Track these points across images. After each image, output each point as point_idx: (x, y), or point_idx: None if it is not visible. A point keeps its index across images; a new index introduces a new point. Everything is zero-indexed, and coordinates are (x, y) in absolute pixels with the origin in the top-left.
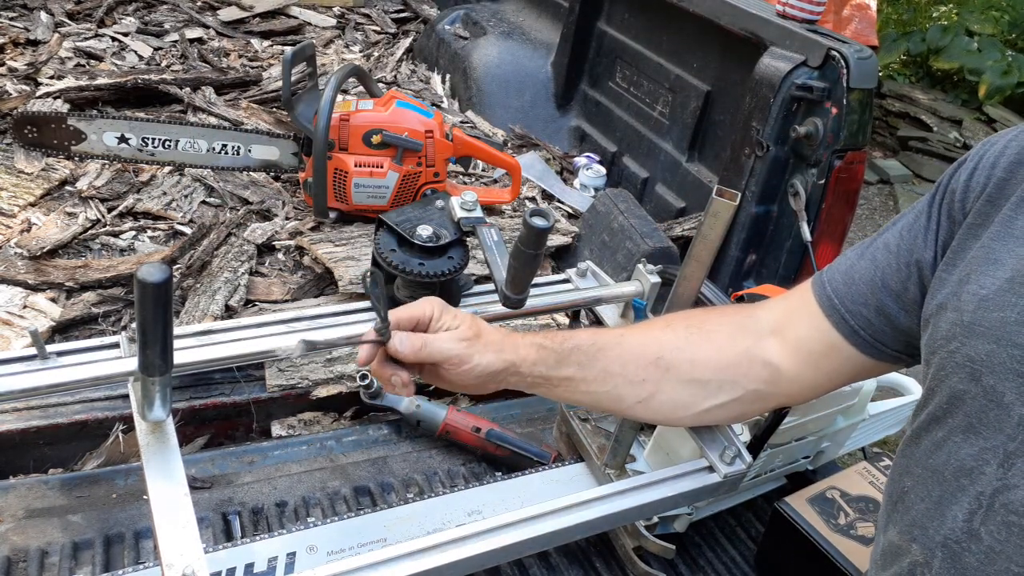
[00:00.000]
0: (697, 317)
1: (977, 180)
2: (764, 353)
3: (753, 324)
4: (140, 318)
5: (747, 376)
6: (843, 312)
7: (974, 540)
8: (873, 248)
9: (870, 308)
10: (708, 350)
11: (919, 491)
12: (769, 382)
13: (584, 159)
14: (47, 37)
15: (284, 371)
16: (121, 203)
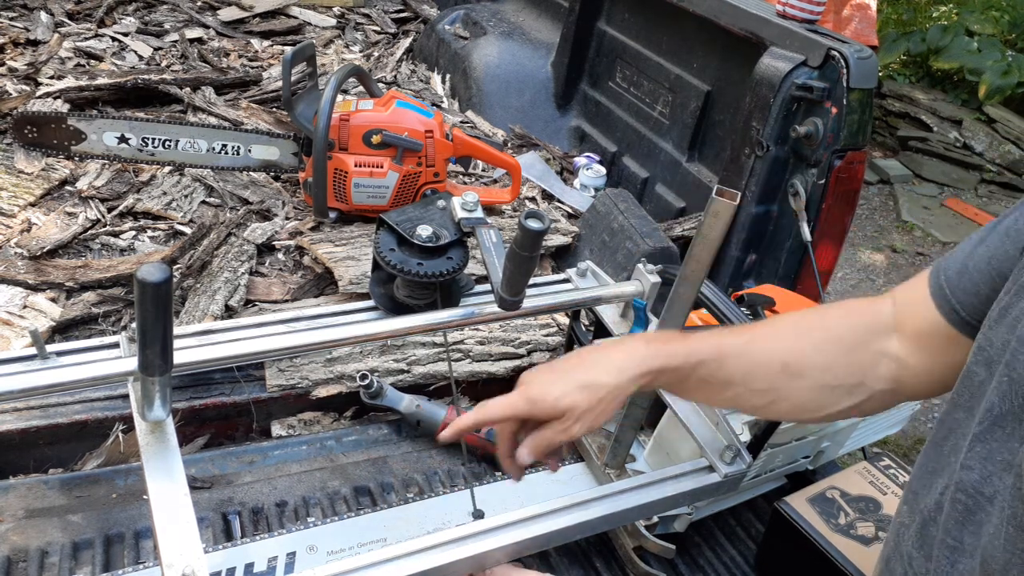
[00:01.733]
0: (824, 317)
1: None
2: (888, 351)
3: (877, 321)
4: (140, 318)
5: (875, 376)
6: (953, 302)
7: (939, 512)
8: (993, 233)
9: (981, 297)
10: (836, 354)
11: (923, 458)
12: (896, 380)
13: (584, 159)
14: (47, 37)
15: (284, 371)
16: (121, 203)
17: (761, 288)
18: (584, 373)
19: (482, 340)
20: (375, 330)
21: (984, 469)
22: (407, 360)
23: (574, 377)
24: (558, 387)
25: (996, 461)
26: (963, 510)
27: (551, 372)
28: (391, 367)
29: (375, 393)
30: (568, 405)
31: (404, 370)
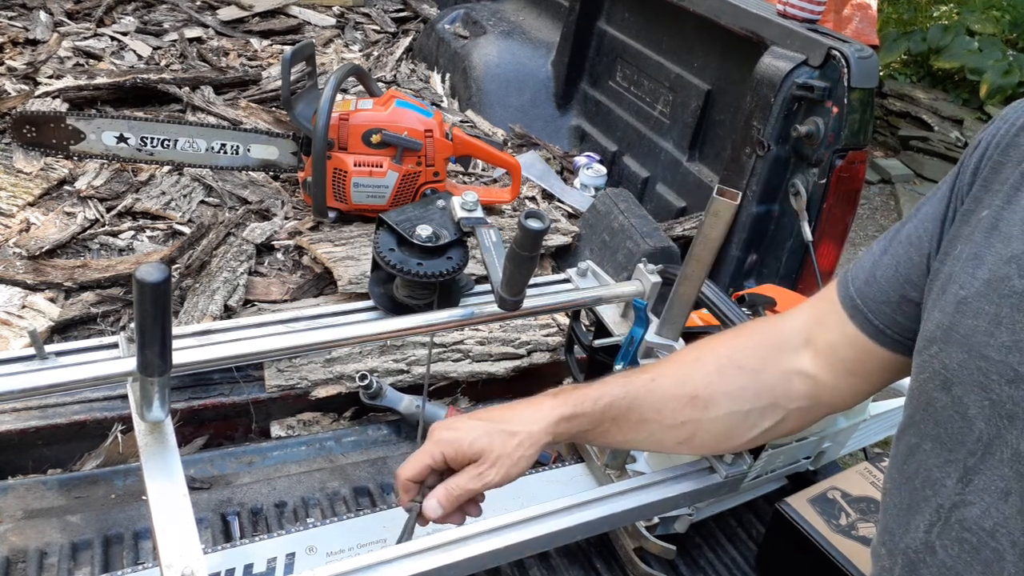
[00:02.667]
0: (726, 345)
1: (982, 159)
2: (800, 368)
3: (784, 339)
4: (139, 318)
5: (787, 396)
6: (866, 312)
7: (930, 553)
8: (895, 241)
9: (892, 305)
10: (742, 380)
11: (893, 495)
12: (810, 397)
13: (584, 159)
14: (46, 36)
15: (283, 371)
16: (120, 203)
17: (762, 288)
18: (497, 423)
19: (482, 340)
20: (375, 330)
21: (983, 502)
22: (407, 360)
23: (487, 425)
24: (471, 433)
25: (992, 491)
26: (970, 549)
27: (462, 421)
28: (391, 367)
29: (375, 393)
30: (481, 448)
31: (404, 370)
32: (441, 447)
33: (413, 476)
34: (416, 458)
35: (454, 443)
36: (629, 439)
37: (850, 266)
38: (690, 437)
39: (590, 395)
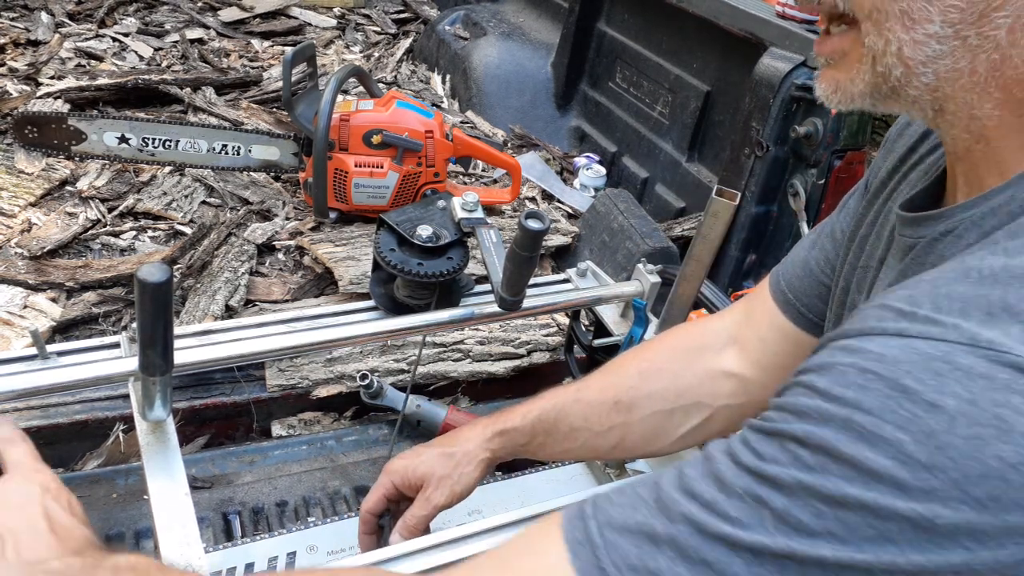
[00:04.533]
0: (650, 350)
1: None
2: (723, 366)
3: (707, 341)
4: (140, 318)
5: (712, 395)
6: (798, 305)
7: None
8: (823, 234)
9: (823, 298)
10: (663, 382)
11: None
12: (737, 394)
13: (584, 159)
14: (48, 37)
15: (284, 371)
16: (121, 203)
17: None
18: (439, 447)
19: (482, 340)
20: (375, 330)
21: None
22: (407, 360)
23: (431, 451)
24: (415, 460)
25: None
26: None
27: (413, 450)
28: (391, 367)
29: (375, 393)
30: (423, 473)
31: (404, 370)
32: (392, 477)
33: (370, 509)
34: (373, 492)
35: (401, 472)
36: (565, 449)
37: (782, 262)
38: (620, 441)
39: (520, 410)
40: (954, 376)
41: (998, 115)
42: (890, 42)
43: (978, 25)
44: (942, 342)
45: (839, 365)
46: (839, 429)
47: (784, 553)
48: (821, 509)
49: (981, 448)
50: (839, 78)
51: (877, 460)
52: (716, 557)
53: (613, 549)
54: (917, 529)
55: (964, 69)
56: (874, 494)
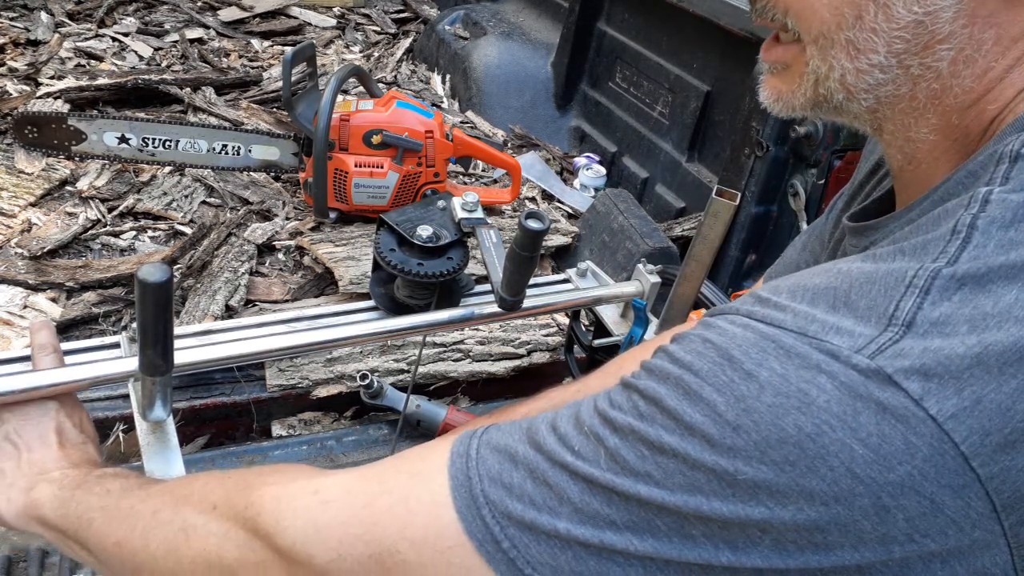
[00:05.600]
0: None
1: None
2: None
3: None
4: (140, 318)
5: None
6: None
7: None
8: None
9: None
10: None
11: None
12: None
13: (584, 159)
14: (47, 37)
15: (284, 371)
16: (121, 203)
17: None
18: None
19: (482, 340)
20: (375, 330)
21: None
22: (407, 360)
23: None
24: None
25: None
26: None
27: None
28: (391, 367)
29: (375, 393)
30: None
31: (404, 370)
32: None
33: None
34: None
35: None
36: None
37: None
38: None
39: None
40: (775, 353)
41: (932, 139)
42: (833, 68)
43: (922, 56)
44: (777, 327)
45: (691, 335)
46: (670, 386)
47: (610, 487)
48: (644, 453)
49: (782, 416)
50: (781, 88)
51: (693, 416)
52: (557, 481)
53: (482, 463)
54: (721, 482)
55: (905, 95)
56: (687, 445)
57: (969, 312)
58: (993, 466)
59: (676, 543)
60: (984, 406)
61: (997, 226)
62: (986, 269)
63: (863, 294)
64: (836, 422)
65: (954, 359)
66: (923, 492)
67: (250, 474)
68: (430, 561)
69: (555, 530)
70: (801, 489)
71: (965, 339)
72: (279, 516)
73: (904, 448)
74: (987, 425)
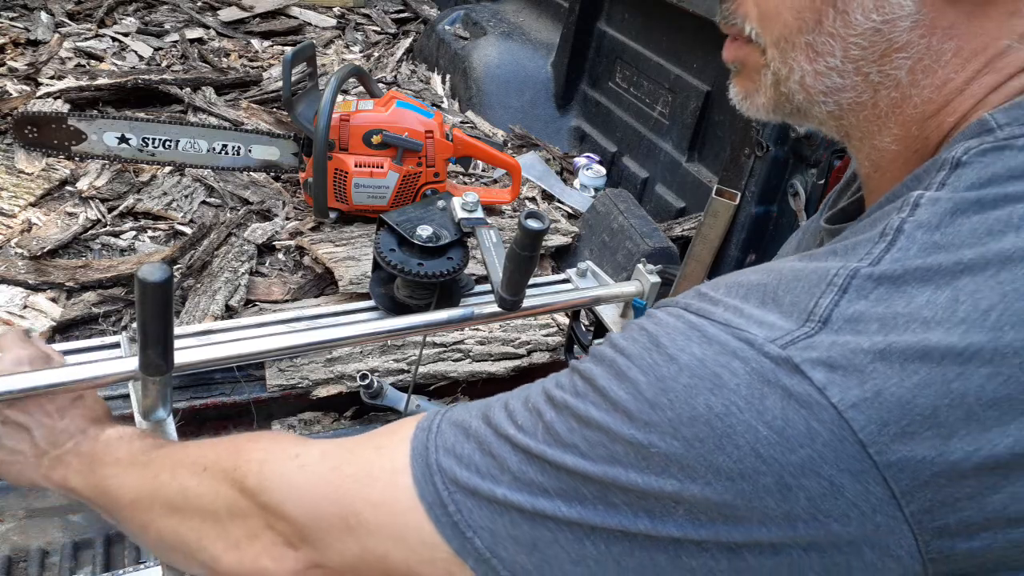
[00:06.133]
0: None
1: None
2: None
3: None
4: (140, 318)
5: None
6: None
7: None
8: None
9: None
10: None
11: None
12: None
13: (584, 159)
14: (47, 37)
15: (284, 371)
16: (121, 203)
17: None
18: None
19: (482, 340)
20: (375, 330)
21: None
22: (407, 360)
23: None
24: None
25: None
26: None
27: None
28: (391, 367)
29: (375, 393)
30: None
31: (404, 370)
32: None
33: None
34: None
35: None
36: None
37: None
38: None
39: None
40: (698, 340)
41: (894, 149)
42: (793, 70)
43: (879, 63)
44: (705, 318)
45: (633, 324)
46: (604, 367)
47: (543, 457)
48: (573, 426)
49: (695, 395)
50: (747, 87)
51: (618, 393)
52: (500, 452)
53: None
54: (638, 455)
55: (867, 103)
56: (610, 420)
57: (881, 311)
58: (890, 455)
59: (600, 510)
60: (884, 398)
61: (924, 230)
62: (902, 271)
63: (788, 291)
64: (744, 404)
65: (859, 353)
66: (822, 474)
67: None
68: (387, 522)
69: (494, 496)
70: (709, 464)
71: (873, 337)
72: (262, 477)
73: (806, 432)
74: (886, 416)
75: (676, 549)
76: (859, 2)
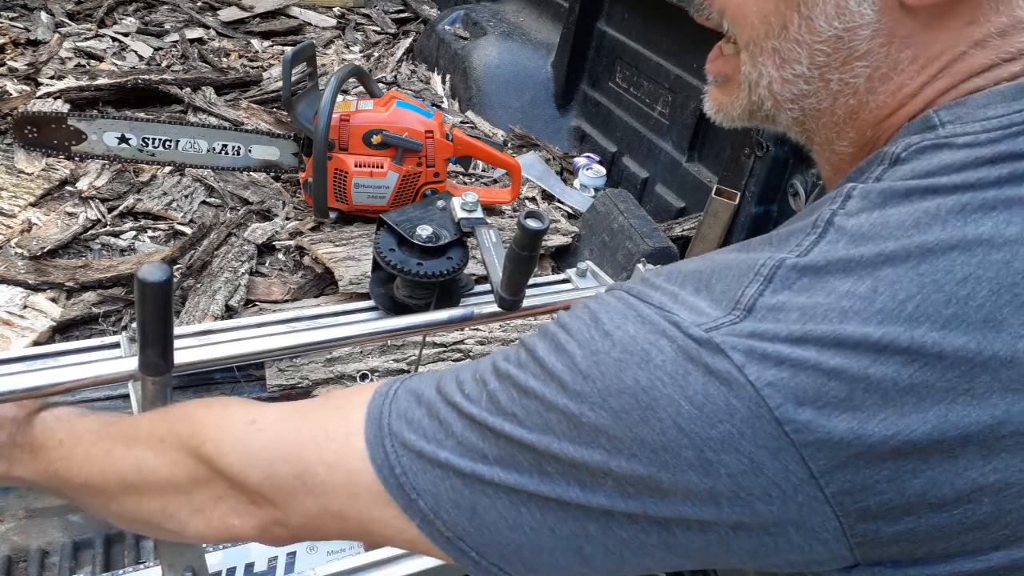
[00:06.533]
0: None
1: None
2: None
3: None
4: (140, 318)
5: None
6: None
7: None
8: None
9: None
10: None
11: None
12: None
13: (584, 159)
14: (47, 37)
15: (284, 371)
16: (121, 203)
17: None
18: None
19: (482, 340)
20: (375, 330)
21: None
22: (407, 360)
23: None
24: None
25: None
26: None
27: None
28: (391, 367)
29: None
30: None
31: (404, 370)
32: None
33: None
34: None
35: None
36: None
37: None
38: None
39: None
40: (633, 320)
41: (851, 151)
42: (762, 76)
43: (841, 71)
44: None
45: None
46: (547, 341)
47: (484, 423)
48: (513, 395)
49: (624, 369)
50: (722, 100)
51: (555, 365)
52: (446, 417)
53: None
54: (569, 424)
55: (826, 110)
56: (546, 389)
57: (803, 301)
58: (807, 434)
59: (535, 478)
60: (800, 379)
61: (853, 222)
62: (825, 262)
63: (720, 279)
64: (668, 379)
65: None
66: (742, 450)
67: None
68: (340, 481)
69: (438, 459)
70: (634, 437)
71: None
72: (219, 442)
73: (725, 408)
74: (801, 396)
75: (607, 520)
76: (822, 8)
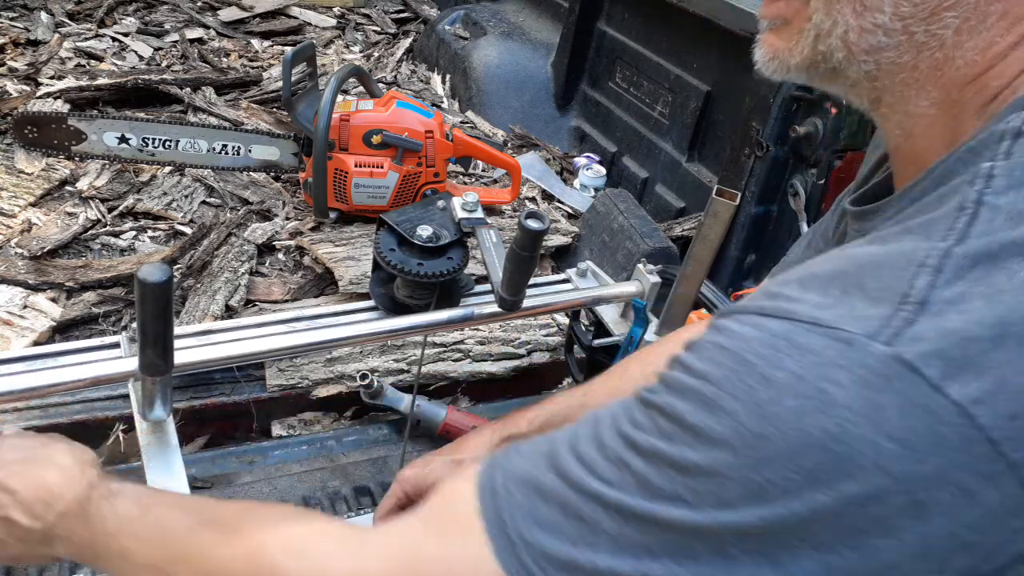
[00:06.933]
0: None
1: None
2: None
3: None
4: (140, 318)
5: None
6: None
7: None
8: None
9: None
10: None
11: None
12: None
13: (584, 159)
14: (47, 37)
15: (284, 371)
16: (121, 203)
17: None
18: (450, 454)
19: (482, 340)
20: (375, 330)
21: None
22: (407, 360)
23: (442, 459)
24: (426, 469)
25: None
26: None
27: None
28: (391, 367)
29: (375, 393)
30: (435, 479)
31: (404, 370)
32: (403, 486)
33: (383, 518)
34: (385, 501)
35: (413, 480)
36: None
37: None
38: None
39: (527, 416)
40: (788, 352)
41: (932, 113)
42: (837, 24)
43: (928, 22)
44: (788, 320)
45: (704, 342)
46: (689, 400)
47: (642, 514)
48: (671, 474)
49: (804, 419)
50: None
51: (715, 428)
52: (590, 513)
53: (511, 499)
54: (751, 495)
55: (907, 64)
56: (712, 462)
57: (984, 289)
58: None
59: (717, 565)
60: (1008, 388)
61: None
62: (997, 247)
63: (874, 276)
64: (859, 419)
65: (973, 340)
66: (955, 482)
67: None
68: None
69: (595, 567)
70: (837, 494)
71: (982, 317)
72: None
73: (932, 439)
74: (1013, 408)
75: None
76: None
